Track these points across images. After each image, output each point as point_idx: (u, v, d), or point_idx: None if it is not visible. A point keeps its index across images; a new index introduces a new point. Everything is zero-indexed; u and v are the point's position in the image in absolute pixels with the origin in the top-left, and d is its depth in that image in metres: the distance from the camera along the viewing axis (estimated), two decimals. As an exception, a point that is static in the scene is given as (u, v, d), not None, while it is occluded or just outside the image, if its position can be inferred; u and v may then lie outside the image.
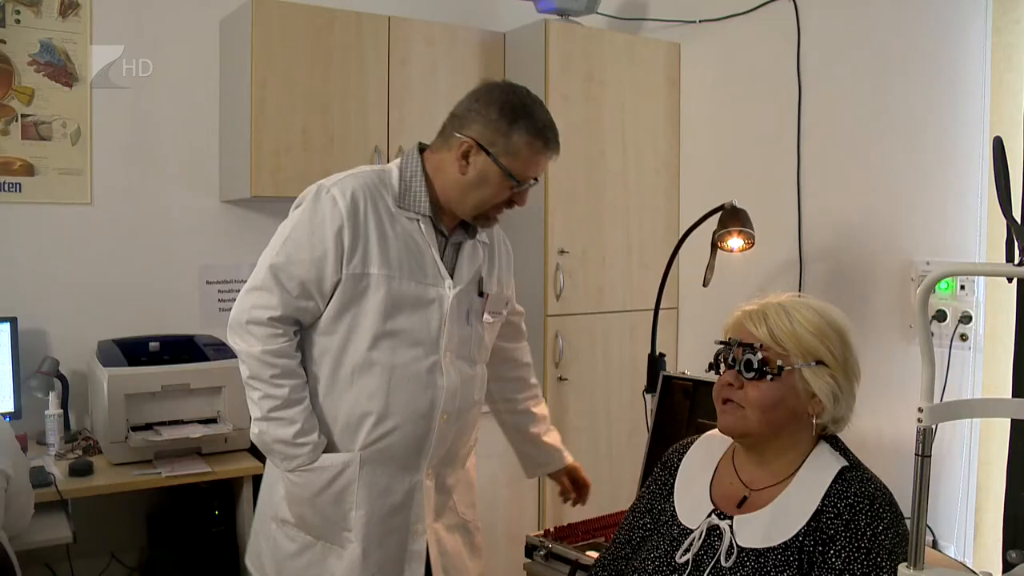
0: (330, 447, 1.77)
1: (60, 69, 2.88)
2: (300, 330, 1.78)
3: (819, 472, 1.41)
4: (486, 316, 1.90)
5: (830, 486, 1.38)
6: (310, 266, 1.72)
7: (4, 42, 2.80)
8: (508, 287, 2.00)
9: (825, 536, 1.35)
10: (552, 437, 2.15)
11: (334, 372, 1.77)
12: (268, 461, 1.87)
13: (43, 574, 2.70)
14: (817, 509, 1.37)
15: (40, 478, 2.34)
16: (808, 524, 1.36)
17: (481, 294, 1.88)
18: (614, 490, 2.81)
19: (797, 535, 1.36)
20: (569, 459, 2.16)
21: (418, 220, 1.79)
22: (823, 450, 1.44)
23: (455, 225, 1.85)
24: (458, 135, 1.75)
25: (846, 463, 1.42)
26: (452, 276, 1.82)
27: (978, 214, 2.32)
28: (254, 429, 1.77)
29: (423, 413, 1.78)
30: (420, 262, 1.78)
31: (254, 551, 1.94)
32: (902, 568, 1.11)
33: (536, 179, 1.79)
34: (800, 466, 1.43)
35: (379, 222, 1.75)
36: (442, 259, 1.81)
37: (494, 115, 1.73)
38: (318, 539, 1.80)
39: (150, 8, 3.00)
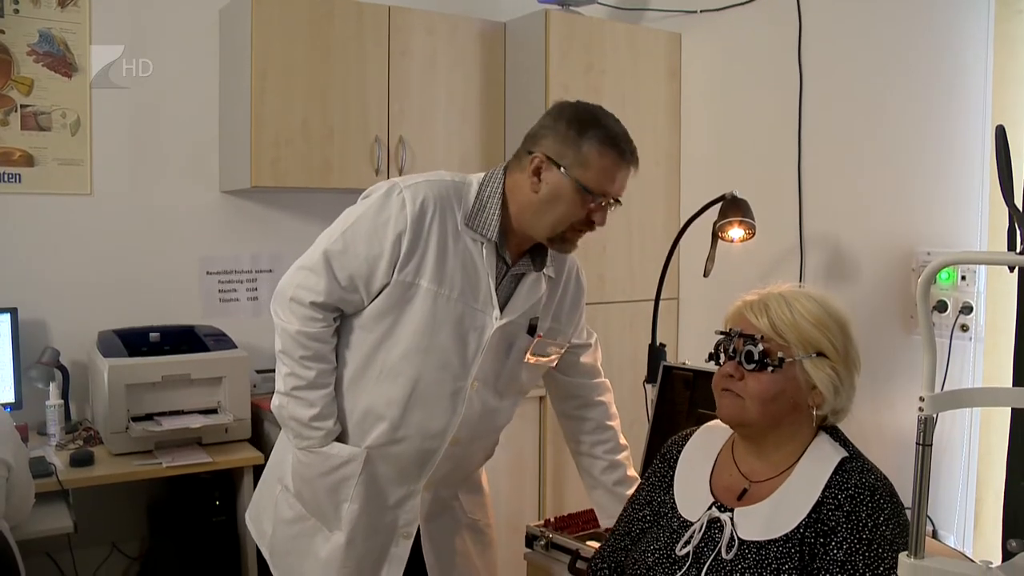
0: (341, 437, 1.78)
1: (59, 59, 2.87)
2: (341, 316, 1.76)
3: (819, 463, 1.41)
4: (529, 356, 1.82)
5: (831, 477, 1.38)
6: (363, 262, 1.69)
7: (3, 32, 2.79)
8: (569, 324, 1.91)
9: (826, 528, 1.35)
10: (632, 488, 1.93)
11: (362, 368, 1.76)
12: None
13: (44, 564, 2.71)
14: (818, 500, 1.37)
15: (41, 468, 2.35)
16: (809, 516, 1.36)
17: (531, 332, 1.80)
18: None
19: (798, 527, 1.36)
20: None
21: (482, 244, 1.73)
22: (823, 441, 1.44)
23: (520, 254, 1.79)
24: (530, 153, 1.70)
25: (846, 454, 1.42)
26: (504, 307, 1.75)
27: (979, 204, 2.31)
28: (275, 401, 1.78)
29: (434, 433, 1.77)
30: (474, 285, 1.73)
31: (255, 508, 1.97)
32: (903, 557, 1.11)
33: (617, 199, 1.70)
34: (800, 457, 1.43)
35: (442, 236, 1.70)
36: (498, 288, 1.76)
37: (563, 128, 1.67)
38: (311, 515, 1.83)
39: (149, -1, 3.00)
